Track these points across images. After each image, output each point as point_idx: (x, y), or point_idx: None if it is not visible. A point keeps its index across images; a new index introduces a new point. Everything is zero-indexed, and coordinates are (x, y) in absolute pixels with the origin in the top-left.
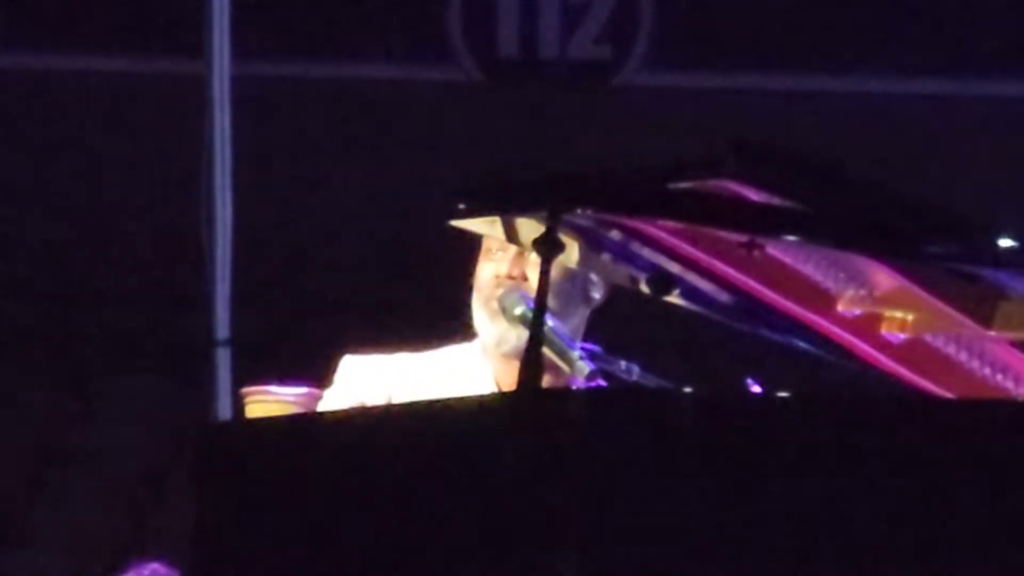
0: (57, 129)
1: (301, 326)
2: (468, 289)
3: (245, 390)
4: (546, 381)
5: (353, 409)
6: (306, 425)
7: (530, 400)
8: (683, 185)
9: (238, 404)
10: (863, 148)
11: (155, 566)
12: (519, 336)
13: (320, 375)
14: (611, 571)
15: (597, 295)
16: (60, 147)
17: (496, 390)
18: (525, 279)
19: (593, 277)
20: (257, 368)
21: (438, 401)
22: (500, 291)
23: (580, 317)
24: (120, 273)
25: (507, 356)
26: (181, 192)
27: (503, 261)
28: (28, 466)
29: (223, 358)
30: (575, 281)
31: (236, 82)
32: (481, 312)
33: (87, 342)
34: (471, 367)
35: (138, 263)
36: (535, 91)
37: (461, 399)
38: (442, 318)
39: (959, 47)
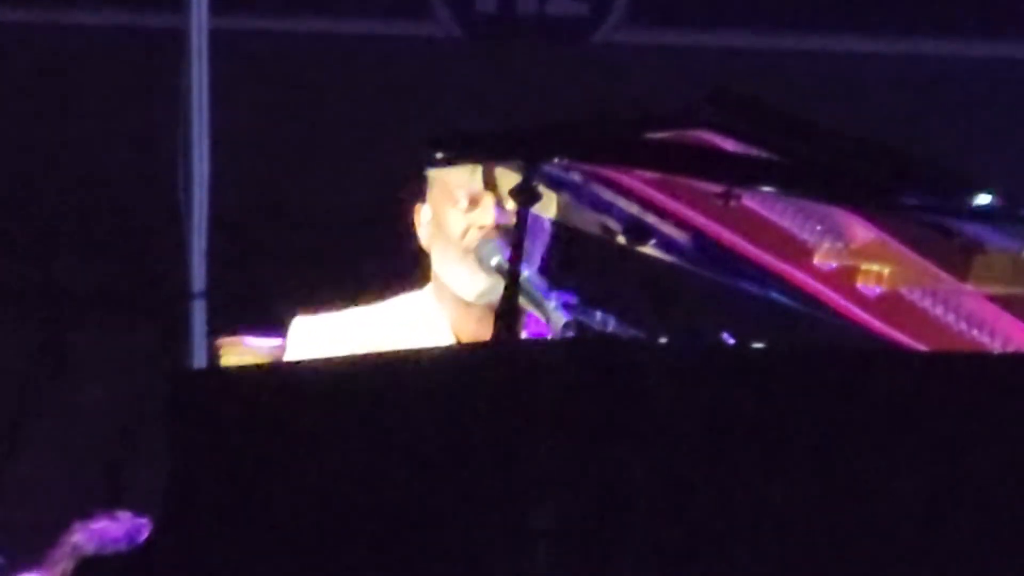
0: (32, 83)
1: (277, 279)
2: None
3: (220, 342)
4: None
5: (329, 358)
6: (281, 373)
7: (505, 350)
8: (660, 135)
9: (213, 356)
10: (849, 109)
11: (126, 514)
12: (489, 283)
13: None
14: (587, 522)
15: (546, 240)
16: (35, 101)
17: (453, 339)
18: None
19: (545, 224)
20: (232, 320)
21: (415, 350)
22: (474, 239)
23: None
24: (95, 225)
25: (471, 305)
26: (158, 145)
27: (483, 210)
28: (3, 419)
29: (198, 311)
30: (532, 228)
31: (214, 35)
32: (459, 265)
33: (61, 295)
34: (425, 316)
35: (113, 215)
36: (513, 47)
37: (437, 348)
38: (419, 271)
39: (951, 7)
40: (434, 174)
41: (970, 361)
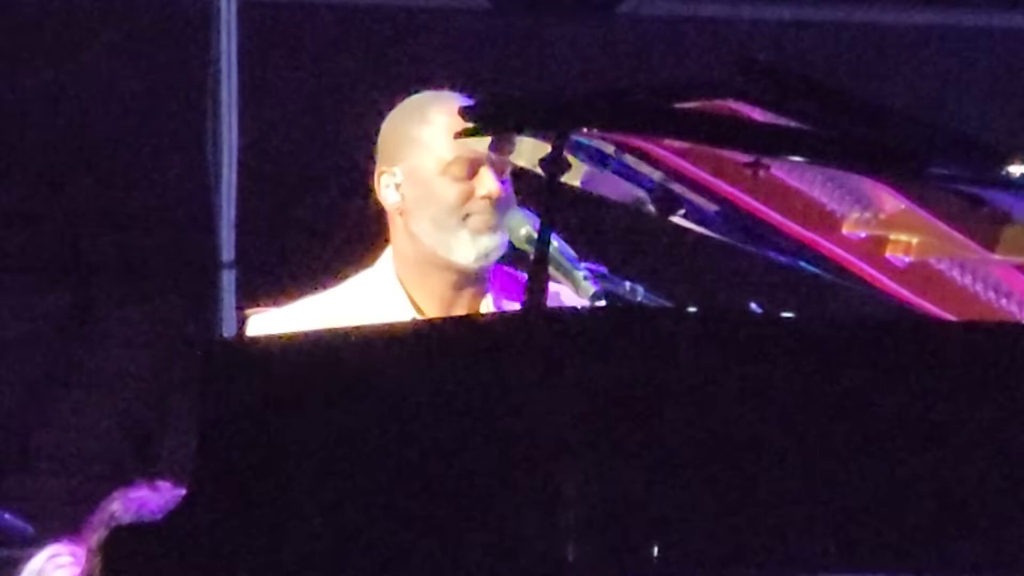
0: (63, 52)
1: (306, 248)
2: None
3: (248, 312)
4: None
5: (360, 326)
6: (311, 341)
7: (535, 319)
8: (689, 105)
9: (242, 326)
10: (877, 80)
11: (166, 484)
12: (493, 243)
13: None
14: (615, 490)
15: None
16: (66, 69)
17: (414, 312)
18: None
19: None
20: (262, 290)
21: (447, 318)
22: (477, 207)
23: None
24: (126, 195)
25: (447, 271)
26: (187, 114)
27: (484, 178)
28: (33, 389)
29: (228, 280)
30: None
31: (243, 4)
32: (458, 231)
33: (92, 265)
34: (384, 295)
35: (144, 185)
36: (540, 19)
37: (467, 316)
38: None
39: None
40: (414, 135)
41: (998, 330)
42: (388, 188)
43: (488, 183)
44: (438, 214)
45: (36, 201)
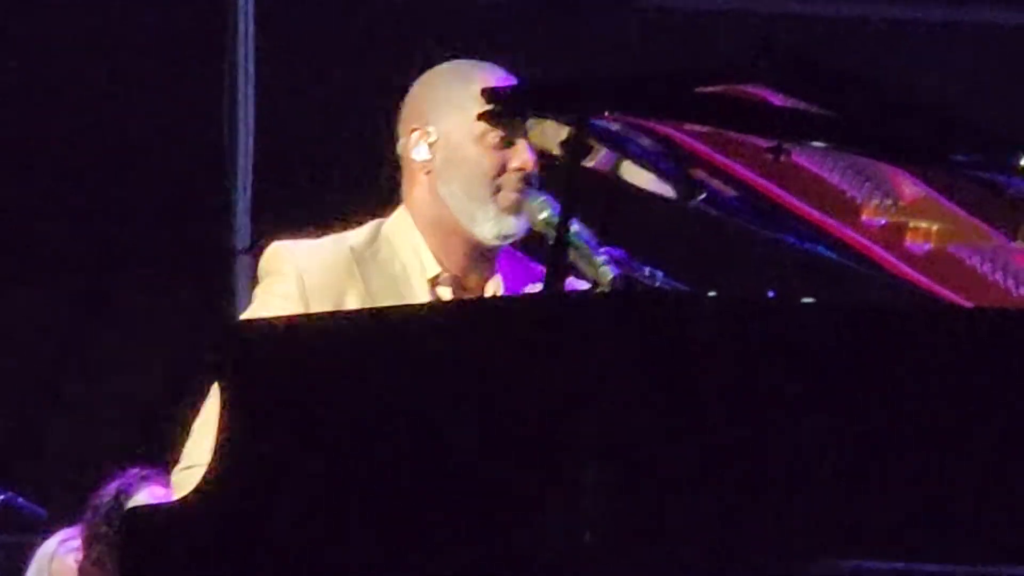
0: (78, 42)
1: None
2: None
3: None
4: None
5: (380, 308)
6: (334, 324)
7: (554, 303)
8: (710, 89)
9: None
10: (899, 76)
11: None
12: (517, 226)
13: None
14: (635, 476)
15: None
16: (81, 60)
17: (440, 270)
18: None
19: None
20: None
21: (461, 302)
22: (510, 182)
23: None
24: (140, 183)
25: (454, 235)
26: (203, 101)
27: (520, 151)
28: (47, 376)
29: (243, 267)
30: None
31: None
32: (486, 205)
33: (106, 252)
34: (412, 245)
35: (159, 173)
36: (559, 11)
37: (486, 299)
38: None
39: None
40: (454, 98)
41: (1017, 318)
42: (419, 145)
43: (523, 155)
44: (470, 182)
45: (49, 190)
